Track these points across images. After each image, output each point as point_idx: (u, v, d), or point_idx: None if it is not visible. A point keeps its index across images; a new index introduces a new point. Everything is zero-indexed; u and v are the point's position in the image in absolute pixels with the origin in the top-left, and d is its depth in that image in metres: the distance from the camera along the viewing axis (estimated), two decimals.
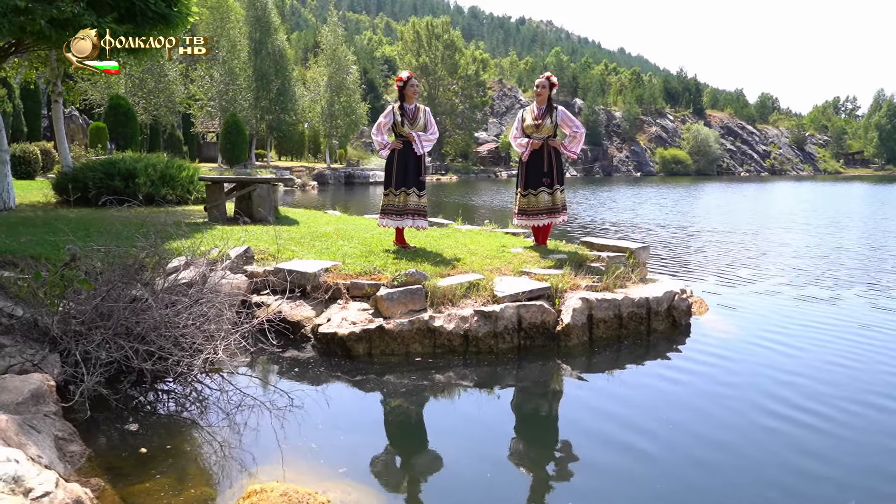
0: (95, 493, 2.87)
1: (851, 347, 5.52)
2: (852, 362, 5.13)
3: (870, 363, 5.12)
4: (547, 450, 3.71)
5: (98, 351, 4.02)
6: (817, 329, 6.11)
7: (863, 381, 4.71)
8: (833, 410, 4.12)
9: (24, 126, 31.50)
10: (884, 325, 6.36)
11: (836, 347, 5.51)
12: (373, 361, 4.99)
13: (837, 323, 6.36)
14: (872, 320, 6.51)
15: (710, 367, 5.03)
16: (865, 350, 5.48)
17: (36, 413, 3.21)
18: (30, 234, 6.83)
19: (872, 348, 5.52)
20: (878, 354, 5.37)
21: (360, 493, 3.02)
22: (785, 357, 5.24)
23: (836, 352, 5.38)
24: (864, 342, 5.71)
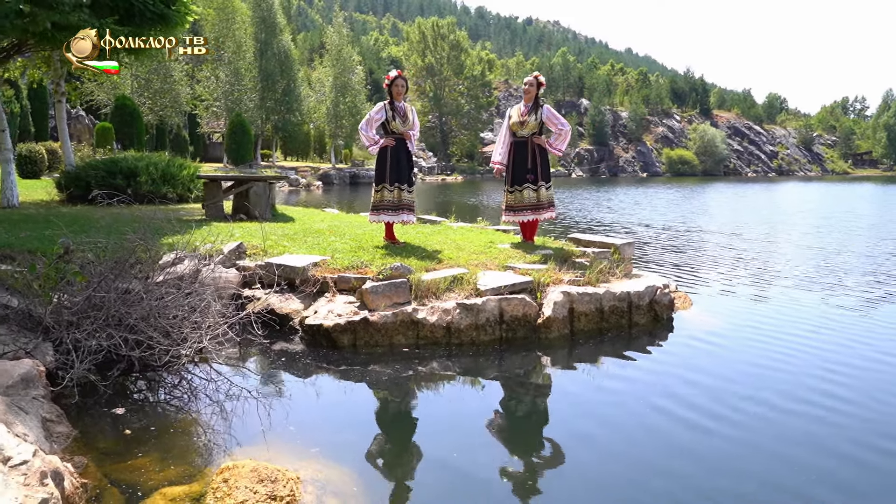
0: (79, 469, 3.03)
1: (826, 345, 5.61)
2: (822, 360, 5.24)
3: (845, 362, 5.22)
4: (520, 437, 3.85)
5: (88, 340, 4.18)
6: (800, 328, 6.15)
7: (829, 379, 4.81)
8: (800, 404, 4.24)
9: (32, 126, 31.82)
10: (870, 325, 6.45)
11: (815, 345, 5.57)
12: (358, 352, 5.14)
13: (823, 323, 6.40)
14: (860, 321, 6.57)
15: (687, 360, 5.16)
16: (841, 348, 5.58)
17: (25, 396, 3.36)
18: (29, 229, 7.01)
19: (853, 347, 5.61)
20: (858, 353, 5.47)
21: (331, 470, 3.16)
22: (761, 353, 5.33)
23: (813, 349, 5.44)
24: (844, 342, 5.80)
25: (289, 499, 2.76)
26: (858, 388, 4.51)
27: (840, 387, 4.49)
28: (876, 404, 4.19)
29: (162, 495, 2.83)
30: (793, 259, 10.56)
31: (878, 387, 4.54)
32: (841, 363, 5.03)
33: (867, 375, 4.78)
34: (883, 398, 4.30)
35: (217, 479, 2.85)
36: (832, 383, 4.56)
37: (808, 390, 4.43)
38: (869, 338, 5.81)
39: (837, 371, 4.83)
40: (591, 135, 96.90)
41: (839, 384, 4.54)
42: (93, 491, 2.89)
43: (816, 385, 4.53)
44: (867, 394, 4.38)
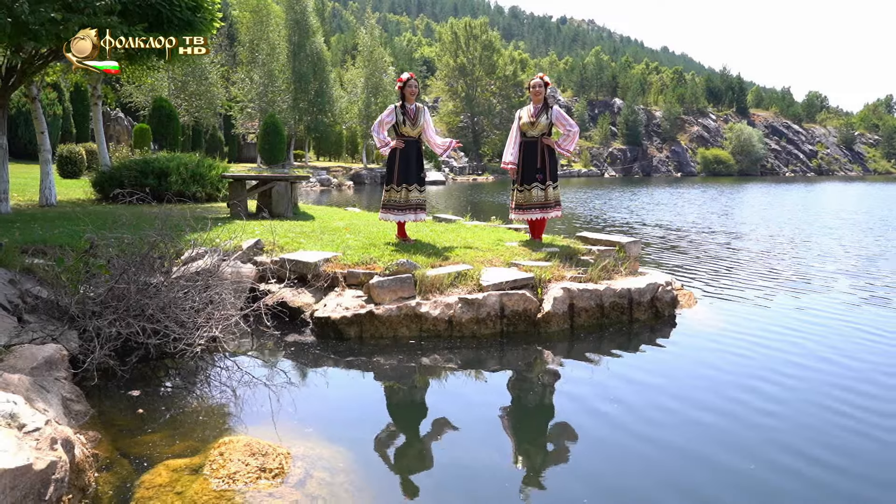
0: (92, 443, 3.33)
1: (831, 347, 5.68)
2: (824, 363, 5.33)
3: (847, 365, 5.31)
4: (514, 425, 4.04)
5: (109, 328, 4.51)
6: (803, 329, 6.12)
7: (831, 382, 4.92)
8: (790, 403, 4.37)
9: (73, 128, 32.91)
10: (876, 327, 6.48)
11: (816, 346, 5.60)
12: (364, 344, 5.39)
13: (826, 325, 6.40)
14: (865, 324, 6.59)
15: (685, 357, 5.30)
16: (845, 351, 5.66)
17: (48, 376, 3.68)
18: (63, 226, 7.42)
19: (858, 351, 5.67)
20: (863, 356, 5.55)
21: (323, 448, 3.41)
22: (760, 353, 5.40)
23: (815, 351, 5.46)
24: (846, 345, 5.87)
25: (277, 471, 3.01)
26: (844, 390, 4.61)
27: (831, 387, 4.61)
28: (861, 411, 4.30)
29: (165, 466, 3.11)
30: (811, 264, 10.54)
31: (865, 392, 4.64)
32: (837, 368, 5.13)
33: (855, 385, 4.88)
34: (876, 403, 4.40)
35: (214, 453, 3.12)
36: (827, 384, 4.67)
37: (792, 394, 4.55)
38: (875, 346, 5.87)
39: (832, 373, 4.93)
40: (624, 134, 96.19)
41: (832, 384, 4.66)
42: (104, 461, 3.18)
43: (809, 386, 4.65)
44: (852, 398, 4.49)
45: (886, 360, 5.18)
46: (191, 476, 3.00)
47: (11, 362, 3.62)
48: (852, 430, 3.77)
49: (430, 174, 50.90)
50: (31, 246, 6.07)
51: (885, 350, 5.46)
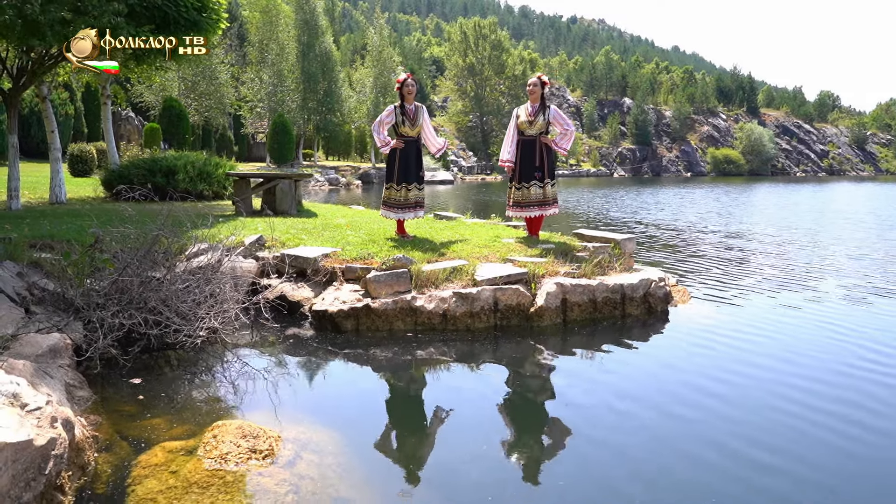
0: (93, 426, 3.49)
1: (818, 345, 5.75)
2: (805, 359, 5.43)
3: (834, 364, 5.40)
4: (503, 414, 4.15)
5: (113, 319, 4.67)
6: (797, 329, 6.17)
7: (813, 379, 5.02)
8: (773, 399, 4.48)
9: (85, 127, 33.28)
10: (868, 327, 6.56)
11: (801, 346, 5.70)
12: (361, 336, 5.53)
13: (817, 322, 6.47)
14: (855, 327, 6.64)
15: (674, 352, 5.42)
16: (832, 347, 5.76)
17: (52, 364, 3.84)
18: (71, 222, 7.61)
19: (844, 351, 5.77)
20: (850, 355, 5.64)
21: (314, 433, 3.56)
22: (750, 349, 5.48)
23: (798, 350, 5.54)
24: (833, 342, 5.96)
25: (267, 452, 3.16)
26: (825, 387, 4.71)
27: (816, 383, 4.71)
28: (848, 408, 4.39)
29: (162, 448, 3.26)
30: (809, 265, 10.61)
31: (850, 393, 4.73)
32: (823, 364, 5.23)
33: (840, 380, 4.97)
34: (857, 397, 4.50)
35: (208, 435, 3.27)
36: (814, 380, 4.78)
37: (782, 385, 4.66)
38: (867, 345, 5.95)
39: (817, 368, 5.04)
40: (633, 134, 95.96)
41: (817, 380, 4.76)
42: (104, 442, 3.34)
43: (793, 381, 4.76)
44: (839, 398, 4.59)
45: (878, 358, 5.27)
46: (185, 457, 3.15)
47: (17, 350, 3.78)
48: (836, 422, 3.88)
49: (439, 174, 51.10)
50: (39, 241, 6.25)
51: (878, 349, 5.55)
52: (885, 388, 4.46)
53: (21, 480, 2.41)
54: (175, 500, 2.77)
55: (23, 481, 2.42)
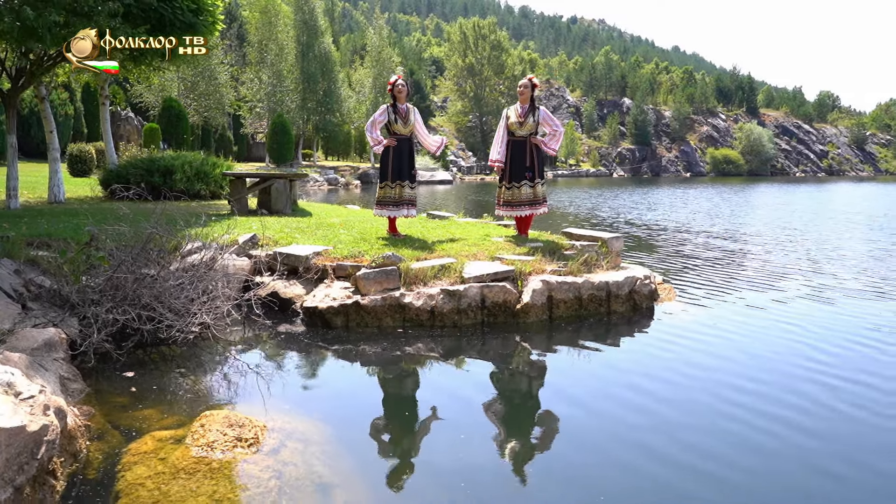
0: (86, 416, 3.61)
1: (786, 343, 5.88)
2: (780, 356, 5.55)
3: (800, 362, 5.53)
4: (487, 408, 4.26)
5: (107, 314, 4.80)
6: (778, 327, 6.29)
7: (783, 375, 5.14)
8: (755, 391, 4.61)
9: (84, 127, 33.42)
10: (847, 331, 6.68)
11: (777, 342, 5.76)
12: (351, 332, 5.65)
13: (798, 320, 6.57)
14: (837, 328, 6.72)
15: (658, 347, 5.51)
16: (816, 342, 5.88)
17: (47, 357, 3.96)
18: (68, 221, 7.74)
19: (812, 351, 5.89)
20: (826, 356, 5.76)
21: (300, 423, 3.68)
22: (729, 344, 5.63)
23: (773, 346, 5.62)
24: (818, 337, 6.08)
25: (252, 440, 3.29)
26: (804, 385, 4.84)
27: (794, 378, 4.84)
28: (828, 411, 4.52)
29: (152, 437, 3.38)
30: (794, 265, 10.74)
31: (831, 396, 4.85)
32: (804, 359, 5.35)
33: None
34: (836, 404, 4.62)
35: (196, 425, 3.40)
36: (791, 375, 4.91)
37: (747, 385, 4.78)
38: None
39: (796, 363, 5.16)
40: (633, 134, 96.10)
41: (797, 375, 4.89)
42: (96, 432, 3.47)
43: (766, 378, 4.89)
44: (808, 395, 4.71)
45: (862, 355, 5.40)
46: (174, 445, 3.28)
47: (13, 343, 3.91)
48: (818, 414, 4.01)
49: (438, 173, 51.19)
50: (37, 239, 6.38)
51: (867, 346, 5.67)
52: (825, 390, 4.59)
53: (14, 464, 2.53)
54: (163, 485, 2.90)
55: (16, 465, 2.54)
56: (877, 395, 4.33)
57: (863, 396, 4.29)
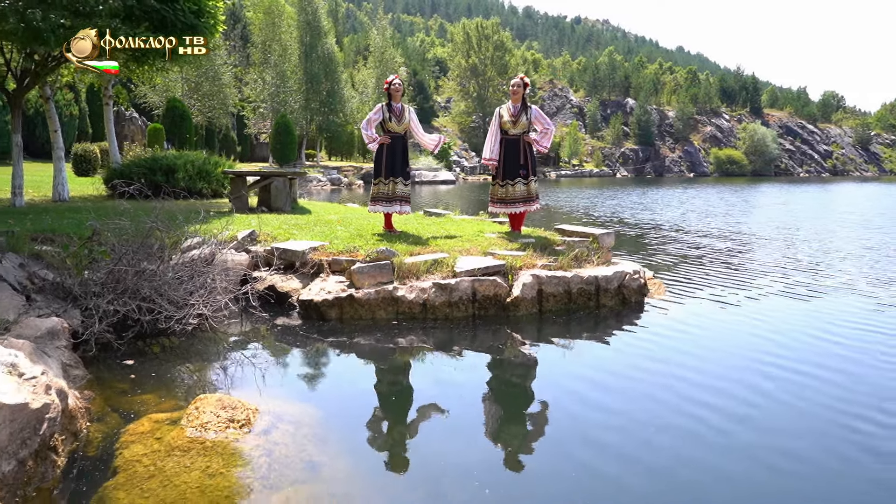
0: (87, 400, 3.78)
1: (788, 335, 6.04)
2: (762, 354, 5.70)
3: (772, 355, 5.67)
4: (478, 398, 4.42)
5: (108, 305, 4.98)
6: (764, 323, 6.41)
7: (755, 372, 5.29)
8: (723, 398, 4.76)
9: (89, 127, 33.66)
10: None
11: (752, 338, 5.91)
12: (345, 325, 5.81)
13: (786, 316, 6.76)
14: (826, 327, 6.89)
15: (645, 339, 5.66)
16: (797, 339, 6.02)
17: (50, 344, 4.13)
18: (71, 218, 7.92)
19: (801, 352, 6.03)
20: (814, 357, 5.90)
21: (291, 406, 3.85)
22: (714, 338, 5.81)
23: (748, 341, 5.75)
24: (799, 334, 6.23)
25: (244, 422, 3.45)
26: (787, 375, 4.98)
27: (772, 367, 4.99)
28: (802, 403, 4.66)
29: (149, 419, 3.55)
30: (786, 263, 10.86)
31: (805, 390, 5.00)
32: (788, 354, 5.50)
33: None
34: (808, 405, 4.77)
35: (191, 408, 3.56)
36: (769, 366, 5.05)
37: (726, 382, 4.93)
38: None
39: (776, 355, 5.31)
40: (636, 134, 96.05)
41: (775, 366, 5.04)
42: (96, 414, 3.64)
43: (745, 373, 5.04)
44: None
45: (849, 351, 5.54)
46: (170, 426, 3.44)
47: (18, 331, 4.07)
48: (803, 406, 4.16)
49: (441, 174, 51.31)
50: (41, 234, 6.56)
51: (856, 345, 5.82)
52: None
53: (17, 438, 2.70)
54: (158, 461, 3.06)
55: (19, 439, 2.71)
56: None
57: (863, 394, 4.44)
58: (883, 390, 4.35)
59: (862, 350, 5.28)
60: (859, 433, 3.66)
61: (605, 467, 3.25)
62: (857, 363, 4.95)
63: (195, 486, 2.86)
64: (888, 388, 4.40)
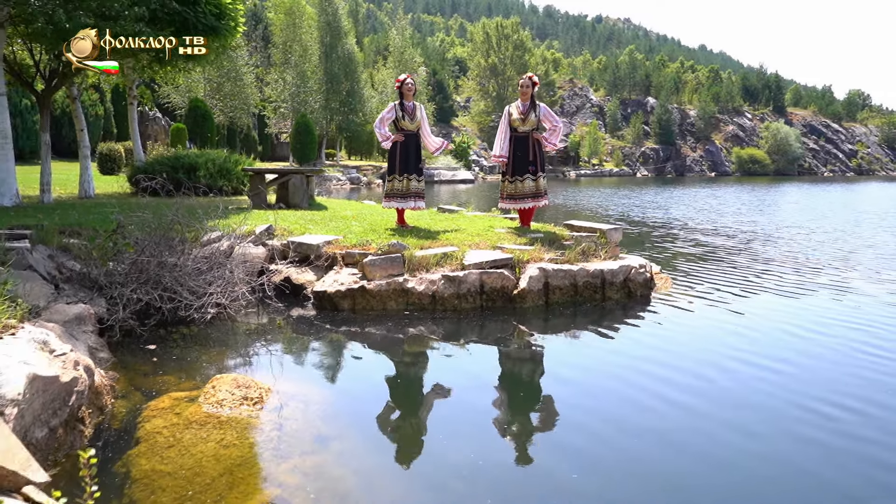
0: (112, 380, 4.03)
1: (783, 332, 6.17)
2: (756, 355, 5.83)
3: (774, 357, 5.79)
4: (479, 386, 4.62)
5: (132, 294, 5.25)
6: (769, 320, 6.60)
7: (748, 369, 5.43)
8: (707, 385, 4.91)
9: (114, 127, 34.33)
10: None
11: (757, 339, 6.10)
12: (357, 315, 6.04)
13: (788, 314, 6.91)
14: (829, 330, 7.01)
15: (649, 332, 5.82)
16: (794, 335, 6.14)
17: (77, 328, 4.40)
18: (97, 213, 8.24)
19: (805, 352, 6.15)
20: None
21: (301, 387, 4.08)
22: (719, 333, 5.95)
23: (752, 341, 5.95)
24: (796, 330, 6.35)
25: (257, 399, 3.68)
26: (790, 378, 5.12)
27: (774, 374, 5.13)
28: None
29: (169, 396, 3.79)
30: (796, 261, 10.92)
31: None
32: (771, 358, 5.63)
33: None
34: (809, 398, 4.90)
35: (207, 386, 3.80)
36: (760, 367, 5.19)
37: (709, 375, 5.08)
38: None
39: (770, 361, 5.44)
40: (657, 133, 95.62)
41: (770, 369, 5.18)
42: (120, 392, 3.89)
43: (732, 361, 5.18)
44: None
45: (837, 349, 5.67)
46: (188, 403, 3.68)
47: (48, 316, 4.34)
48: (792, 400, 4.31)
49: (460, 173, 51.54)
50: (68, 228, 6.87)
51: (849, 342, 5.93)
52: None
53: (49, 408, 2.94)
54: (177, 433, 3.30)
55: (51, 409, 2.95)
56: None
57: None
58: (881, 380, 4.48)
59: (840, 342, 5.41)
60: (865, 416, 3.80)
61: (597, 447, 3.44)
62: (845, 354, 5.08)
63: (211, 454, 3.09)
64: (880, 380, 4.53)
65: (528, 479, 3.06)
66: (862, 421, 3.74)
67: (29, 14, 7.97)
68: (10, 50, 10.50)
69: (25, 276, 4.86)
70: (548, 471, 3.14)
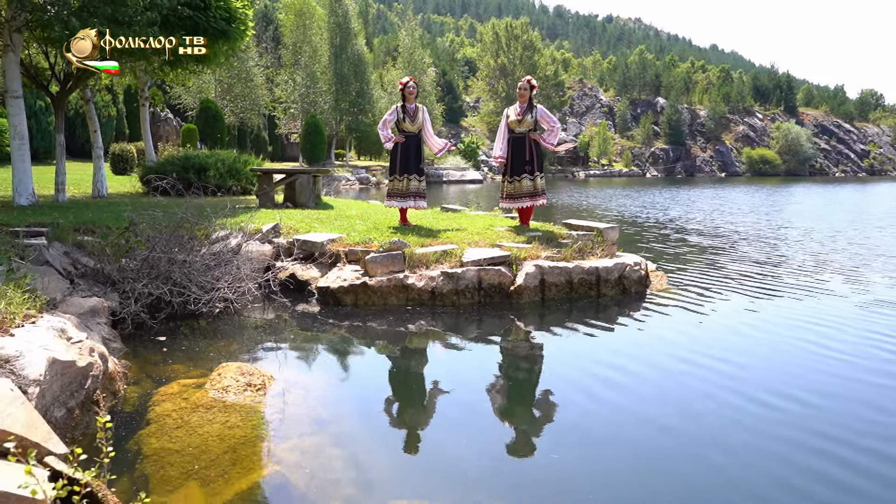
0: (125, 369, 4.28)
1: (776, 332, 6.35)
2: (747, 353, 6.01)
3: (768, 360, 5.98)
4: (477, 377, 4.84)
5: (143, 289, 5.50)
6: (759, 319, 6.82)
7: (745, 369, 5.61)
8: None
9: (126, 128, 34.76)
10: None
11: (747, 338, 6.29)
12: (359, 310, 6.27)
13: (783, 314, 7.08)
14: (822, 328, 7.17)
15: (641, 328, 6.03)
16: (782, 334, 6.32)
17: (91, 320, 4.65)
18: (110, 211, 8.52)
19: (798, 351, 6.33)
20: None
21: (302, 375, 4.32)
22: (707, 330, 6.14)
23: (743, 341, 6.15)
24: (786, 329, 6.52)
25: (260, 386, 3.92)
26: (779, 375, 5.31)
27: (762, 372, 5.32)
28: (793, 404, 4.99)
29: (178, 383, 4.04)
30: (792, 262, 11.06)
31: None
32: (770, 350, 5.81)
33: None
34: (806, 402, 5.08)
35: (213, 374, 4.04)
36: (743, 368, 5.38)
37: (695, 372, 5.27)
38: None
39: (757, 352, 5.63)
40: (666, 134, 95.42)
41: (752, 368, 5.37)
42: (132, 379, 4.14)
43: (724, 359, 5.37)
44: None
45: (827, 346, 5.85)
46: (195, 389, 3.92)
47: (63, 308, 4.59)
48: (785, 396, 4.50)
49: (469, 173, 51.75)
50: (83, 225, 7.15)
51: (844, 341, 6.11)
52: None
53: (67, 390, 3.19)
54: (185, 416, 3.54)
55: (68, 391, 3.20)
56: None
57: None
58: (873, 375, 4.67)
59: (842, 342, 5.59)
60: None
61: (590, 441, 3.65)
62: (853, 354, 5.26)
63: (216, 434, 3.33)
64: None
65: (516, 464, 3.28)
66: (862, 422, 3.93)
67: (45, 20, 8.26)
68: (25, 53, 10.81)
69: (43, 271, 5.12)
70: (541, 453, 3.35)
